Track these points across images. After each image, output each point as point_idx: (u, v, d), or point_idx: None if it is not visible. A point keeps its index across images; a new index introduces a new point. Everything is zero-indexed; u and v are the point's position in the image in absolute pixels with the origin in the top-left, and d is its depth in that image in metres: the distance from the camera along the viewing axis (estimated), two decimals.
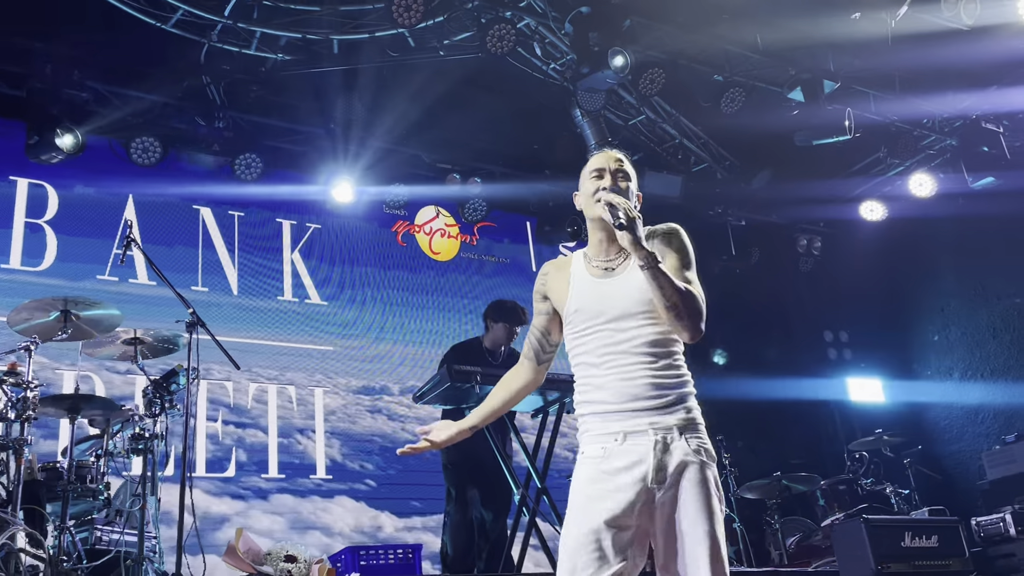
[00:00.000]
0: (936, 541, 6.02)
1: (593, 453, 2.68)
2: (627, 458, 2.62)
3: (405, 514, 8.00)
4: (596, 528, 2.56)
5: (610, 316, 2.75)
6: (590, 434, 2.72)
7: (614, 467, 2.62)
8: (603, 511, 2.57)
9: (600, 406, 2.71)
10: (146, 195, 7.98)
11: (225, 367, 6.04)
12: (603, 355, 2.73)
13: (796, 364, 10.70)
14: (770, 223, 10.45)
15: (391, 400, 8.47)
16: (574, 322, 2.81)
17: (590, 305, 2.78)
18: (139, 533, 4.97)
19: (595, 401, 2.72)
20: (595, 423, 2.71)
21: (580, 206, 2.95)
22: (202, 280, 7.98)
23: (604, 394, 2.70)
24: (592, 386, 2.74)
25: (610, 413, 2.68)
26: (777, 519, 7.61)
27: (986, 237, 9.52)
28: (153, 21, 7.11)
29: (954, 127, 9.15)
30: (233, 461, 7.50)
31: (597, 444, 2.68)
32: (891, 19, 7.40)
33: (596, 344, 2.75)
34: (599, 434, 2.69)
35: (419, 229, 9.36)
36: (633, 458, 2.61)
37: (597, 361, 2.74)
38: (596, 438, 2.69)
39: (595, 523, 2.56)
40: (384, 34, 7.58)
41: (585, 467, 2.69)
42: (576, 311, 2.80)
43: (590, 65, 7.52)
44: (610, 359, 2.71)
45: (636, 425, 2.65)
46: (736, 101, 8.08)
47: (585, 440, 2.74)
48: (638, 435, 2.63)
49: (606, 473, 2.62)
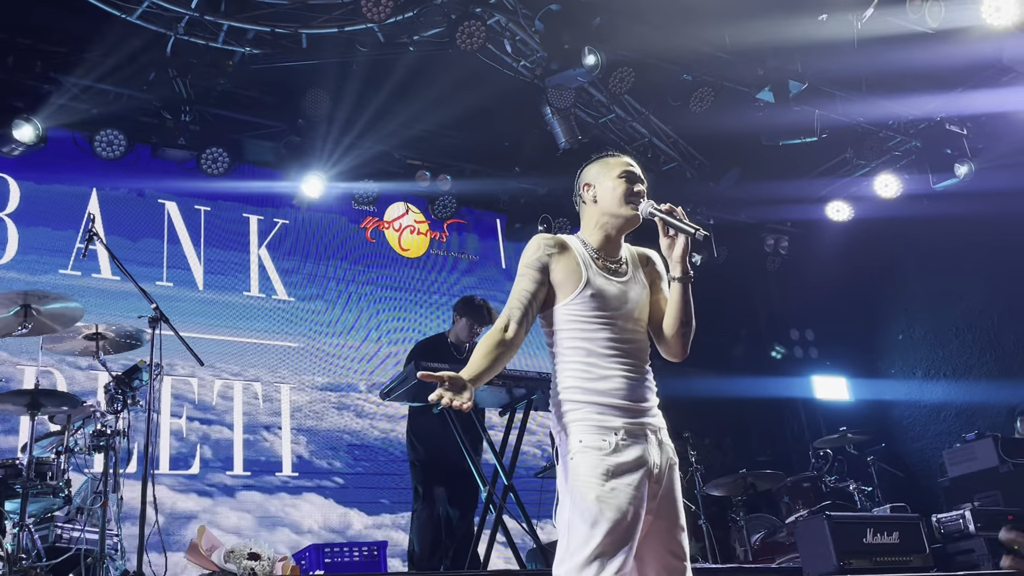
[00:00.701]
0: (897, 537, 6.09)
1: (596, 444, 2.69)
2: (633, 455, 2.69)
3: (374, 511, 7.97)
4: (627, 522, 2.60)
5: (625, 314, 2.85)
6: (589, 423, 2.72)
7: (624, 462, 2.67)
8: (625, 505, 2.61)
9: (602, 397, 2.74)
10: (110, 189, 7.91)
11: (189, 363, 5.98)
12: (614, 349, 2.79)
13: (763, 362, 10.80)
14: (738, 222, 10.53)
15: (358, 397, 8.43)
16: (584, 306, 2.82)
17: (608, 296, 2.84)
18: (100, 531, 4.91)
19: (598, 391, 2.75)
20: (593, 414, 2.73)
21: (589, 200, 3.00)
22: (167, 275, 7.90)
23: (608, 386, 2.75)
24: (596, 376, 2.77)
25: (613, 408, 2.73)
26: (742, 516, 7.66)
27: (949, 238, 9.65)
28: (118, 13, 7.01)
29: (919, 129, 9.26)
30: (198, 458, 7.44)
31: (598, 436, 2.70)
32: (857, 21, 7.46)
33: (607, 335, 2.81)
34: (600, 426, 2.71)
35: (388, 225, 9.32)
36: (637, 455, 2.69)
37: (601, 352, 2.79)
38: (597, 429, 2.71)
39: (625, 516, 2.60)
40: (353, 29, 7.53)
41: (590, 458, 2.67)
42: (593, 295, 2.82)
43: (560, 63, 7.53)
44: (620, 355, 2.79)
45: (637, 424, 2.75)
46: (705, 100, 8.12)
47: (582, 429, 2.72)
48: (638, 434, 2.73)
49: (617, 468, 2.65)
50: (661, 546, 2.73)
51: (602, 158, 3.09)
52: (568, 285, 2.84)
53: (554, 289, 2.86)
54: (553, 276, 2.86)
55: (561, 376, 2.82)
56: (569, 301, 2.83)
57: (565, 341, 2.83)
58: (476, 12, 7.26)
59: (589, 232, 2.99)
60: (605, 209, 2.96)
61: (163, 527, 4.83)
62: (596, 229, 2.97)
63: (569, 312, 2.83)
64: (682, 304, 2.86)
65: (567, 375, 2.81)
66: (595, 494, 2.61)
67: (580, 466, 2.67)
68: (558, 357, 2.85)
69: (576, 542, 2.60)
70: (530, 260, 2.88)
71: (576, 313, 2.82)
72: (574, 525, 2.62)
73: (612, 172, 2.98)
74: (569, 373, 2.80)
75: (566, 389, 2.79)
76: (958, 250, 9.72)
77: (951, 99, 8.80)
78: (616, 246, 2.99)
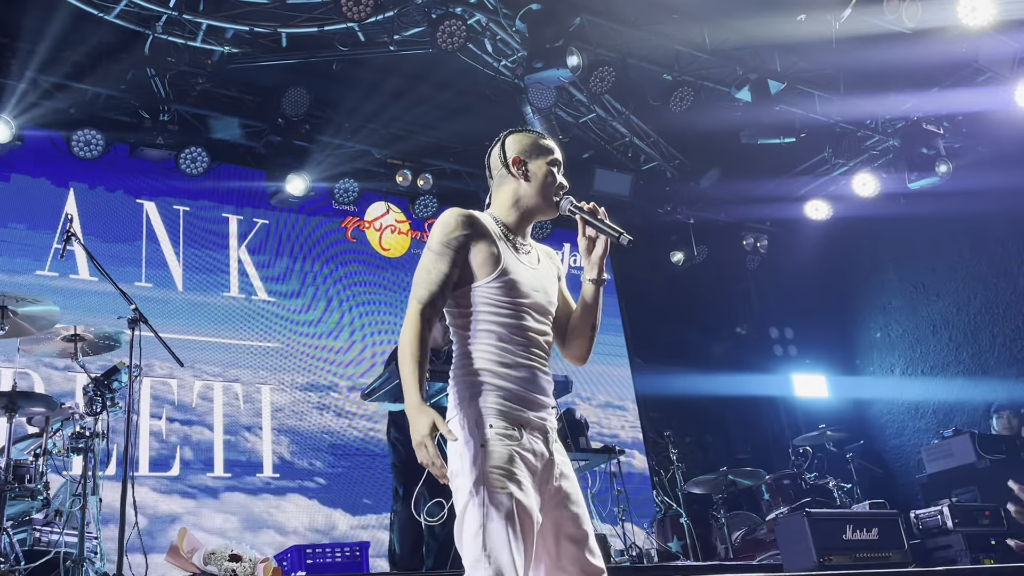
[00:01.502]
0: (876, 534, 6.14)
1: (504, 431, 2.52)
2: (536, 449, 2.57)
3: (359, 511, 7.95)
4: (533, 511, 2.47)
5: (537, 303, 2.71)
6: (500, 409, 2.55)
7: (528, 454, 2.54)
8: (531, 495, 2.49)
9: (513, 385, 2.59)
10: (88, 189, 7.83)
11: (169, 364, 5.94)
12: (526, 338, 2.65)
13: (742, 360, 10.85)
14: (718, 221, 10.58)
15: (338, 397, 8.41)
16: (500, 290, 2.65)
17: (523, 281, 2.69)
18: (79, 533, 4.87)
19: (511, 378, 2.59)
20: (505, 400, 2.56)
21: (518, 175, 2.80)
22: (146, 276, 7.84)
23: (519, 375, 2.60)
24: (508, 363, 2.61)
25: (522, 400, 2.59)
26: (723, 513, 7.71)
27: (927, 236, 9.74)
28: (95, 11, 6.95)
29: (896, 128, 9.33)
30: (178, 459, 7.39)
31: (504, 421, 2.53)
32: (835, 21, 7.52)
33: (521, 323, 2.65)
34: (507, 412, 2.55)
35: (369, 225, 9.29)
36: (539, 450, 2.58)
37: (518, 340, 2.64)
38: (508, 417, 2.55)
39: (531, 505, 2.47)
40: (333, 28, 7.51)
41: (501, 446, 2.49)
42: (509, 280, 2.66)
43: (541, 62, 7.54)
44: (531, 345, 2.66)
45: (537, 418, 2.62)
46: (685, 100, 8.15)
47: (493, 414, 2.54)
48: (537, 428, 2.61)
49: (522, 460, 2.51)
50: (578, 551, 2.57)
51: (530, 134, 2.89)
52: (487, 267, 2.65)
53: (470, 270, 2.66)
54: (472, 257, 2.66)
55: (473, 356, 2.63)
56: (486, 283, 2.65)
57: (478, 323, 2.65)
58: (456, 11, 7.26)
59: (505, 211, 2.80)
60: (532, 192, 2.78)
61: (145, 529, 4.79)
62: (513, 209, 2.79)
63: (485, 295, 2.65)
64: (595, 307, 2.75)
65: (479, 356, 2.62)
66: (511, 487, 2.44)
67: (492, 454, 2.47)
68: (468, 338, 2.66)
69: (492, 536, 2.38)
70: (447, 239, 2.67)
71: (492, 296, 2.65)
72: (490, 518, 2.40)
73: (544, 157, 2.81)
74: (481, 355, 2.62)
75: (478, 371, 2.60)
76: (935, 249, 9.82)
77: (928, 98, 8.88)
78: (526, 231, 2.82)
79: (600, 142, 9.42)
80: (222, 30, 7.47)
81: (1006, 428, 7.98)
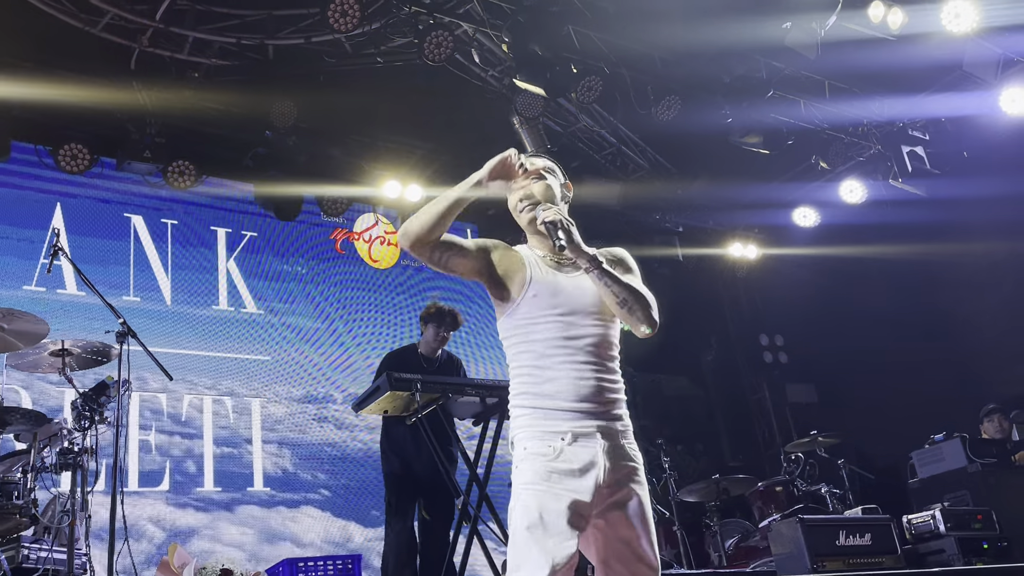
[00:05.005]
0: (869, 539, 6.14)
1: (540, 450, 2.59)
2: (579, 460, 2.57)
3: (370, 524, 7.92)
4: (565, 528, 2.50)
5: (565, 309, 2.72)
6: (534, 429, 2.63)
7: (568, 468, 2.56)
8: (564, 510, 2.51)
9: (547, 401, 2.64)
10: (75, 203, 7.79)
11: (159, 378, 5.91)
12: (555, 347, 2.68)
13: (733, 368, 10.87)
14: (707, 228, 10.61)
15: (336, 409, 8.38)
16: (528, 308, 2.73)
17: (547, 295, 2.74)
18: (68, 550, 4.82)
19: (543, 395, 2.65)
20: (539, 419, 2.63)
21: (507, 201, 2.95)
22: (134, 290, 7.80)
23: (553, 388, 2.64)
24: (540, 379, 2.67)
25: (559, 411, 2.62)
26: (716, 521, 7.69)
27: (914, 241, 9.77)
28: (81, 25, 6.93)
29: (882, 134, 9.38)
30: (167, 474, 7.34)
31: (544, 441, 2.60)
32: (821, 28, 7.55)
33: (548, 335, 2.69)
34: (546, 431, 2.61)
35: (358, 237, 9.27)
36: (585, 460, 2.57)
37: (548, 352, 2.68)
38: (543, 434, 2.61)
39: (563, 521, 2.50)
40: (320, 40, 7.51)
41: (534, 464, 2.59)
42: (535, 296, 2.73)
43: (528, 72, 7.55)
44: (562, 354, 2.67)
45: (585, 427, 2.61)
46: (672, 108, 8.17)
47: (528, 435, 2.64)
48: (587, 437, 2.60)
49: (560, 474, 2.55)
50: (629, 553, 2.60)
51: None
52: (515, 284, 2.77)
53: (502, 288, 2.78)
54: (502, 275, 2.79)
55: (513, 384, 2.75)
56: (514, 307, 2.75)
57: (514, 347, 2.75)
58: (444, 22, 7.27)
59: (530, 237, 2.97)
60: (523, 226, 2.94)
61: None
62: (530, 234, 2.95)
63: (516, 318, 2.74)
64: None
65: (516, 382, 2.73)
66: (536, 500, 2.53)
67: (524, 472, 2.59)
68: (511, 366, 2.77)
69: (517, 548, 2.51)
70: (474, 241, 2.88)
71: (521, 318, 2.73)
72: (517, 531, 2.53)
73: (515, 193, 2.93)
74: (518, 380, 2.72)
75: (516, 396, 2.72)
76: (922, 254, 9.85)
77: (913, 104, 8.93)
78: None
79: (588, 151, 9.44)
80: (209, 42, 7.46)
81: (997, 431, 7.99)
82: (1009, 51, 8.21)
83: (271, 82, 7.75)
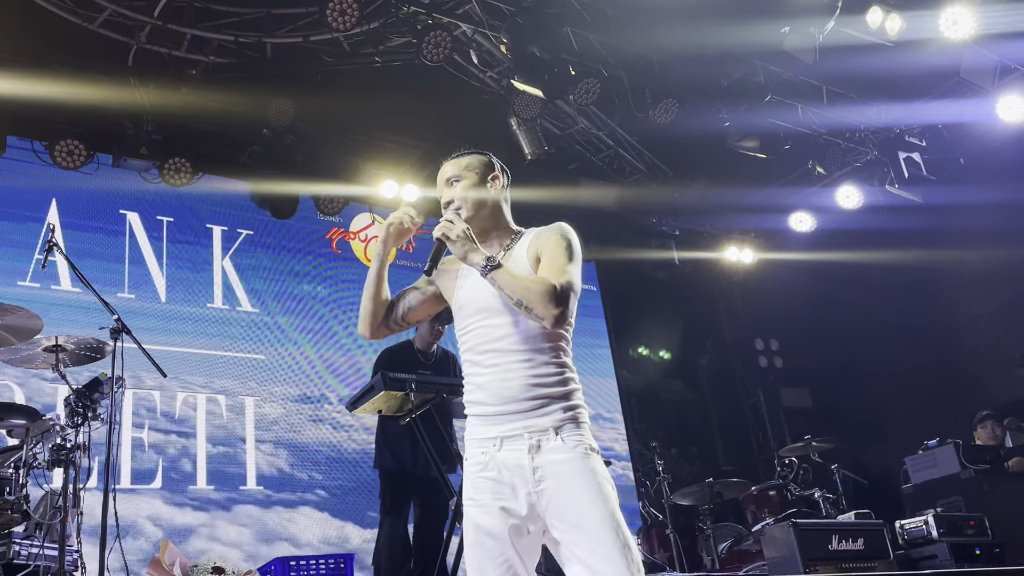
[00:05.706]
0: (862, 544, 6.15)
1: (476, 459, 2.59)
2: (506, 465, 2.54)
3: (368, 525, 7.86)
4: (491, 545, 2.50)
5: (487, 313, 2.66)
6: (471, 438, 2.63)
7: (495, 476, 2.54)
8: (496, 524, 2.50)
9: (480, 407, 2.63)
10: (70, 199, 7.76)
11: (153, 375, 5.90)
12: (482, 352, 2.66)
13: (728, 372, 10.87)
14: (703, 232, 10.62)
15: (332, 409, 8.36)
16: (459, 320, 2.74)
17: (469, 301, 2.71)
18: (60, 547, 4.80)
19: (476, 402, 2.64)
20: (476, 426, 2.63)
21: None
22: (128, 287, 7.78)
23: (483, 394, 2.62)
24: (473, 385, 2.66)
25: (490, 416, 2.60)
26: (709, 525, 7.69)
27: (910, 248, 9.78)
28: (79, 21, 6.92)
29: (879, 140, 9.39)
30: (160, 471, 7.32)
31: (478, 449, 2.60)
32: (819, 33, 7.56)
33: (476, 340, 2.68)
34: (480, 439, 2.60)
35: (354, 236, 9.26)
36: (511, 464, 2.53)
37: (477, 359, 2.67)
38: (477, 443, 2.61)
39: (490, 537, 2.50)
40: (319, 38, 7.51)
41: (470, 475, 2.59)
42: (460, 308, 2.74)
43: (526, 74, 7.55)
44: (488, 357, 2.64)
45: (512, 430, 2.56)
46: (670, 111, 8.18)
47: (469, 444, 2.63)
48: (514, 439, 2.55)
49: (490, 481, 2.54)
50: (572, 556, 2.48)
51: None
52: (450, 298, 2.81)
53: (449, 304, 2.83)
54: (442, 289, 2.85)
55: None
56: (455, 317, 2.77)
57: (461, 356, 2.75)
58: (442, 23, 7.27)
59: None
60: None
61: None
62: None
63: (456, 330, 2.76)
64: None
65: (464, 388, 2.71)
66: (472, 517, 2.54)
67: (464, 485, 2.60)
68: None
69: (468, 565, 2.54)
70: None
71: (458, 327, 2.75)
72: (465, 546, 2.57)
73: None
74: (464, 387, 2.70)
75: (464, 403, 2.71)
76: (918, 260, 9.86)
77: (910, 110, 8.95)
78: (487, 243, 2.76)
79: (585, 154, 9.44)
80: (207, 40, 7.45)
81: (990, 438, 8.00)
82: (1006, 58, 8.24)
83: (269, 80, 7.74)
